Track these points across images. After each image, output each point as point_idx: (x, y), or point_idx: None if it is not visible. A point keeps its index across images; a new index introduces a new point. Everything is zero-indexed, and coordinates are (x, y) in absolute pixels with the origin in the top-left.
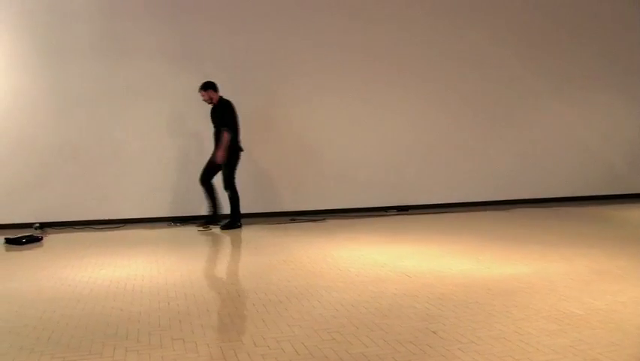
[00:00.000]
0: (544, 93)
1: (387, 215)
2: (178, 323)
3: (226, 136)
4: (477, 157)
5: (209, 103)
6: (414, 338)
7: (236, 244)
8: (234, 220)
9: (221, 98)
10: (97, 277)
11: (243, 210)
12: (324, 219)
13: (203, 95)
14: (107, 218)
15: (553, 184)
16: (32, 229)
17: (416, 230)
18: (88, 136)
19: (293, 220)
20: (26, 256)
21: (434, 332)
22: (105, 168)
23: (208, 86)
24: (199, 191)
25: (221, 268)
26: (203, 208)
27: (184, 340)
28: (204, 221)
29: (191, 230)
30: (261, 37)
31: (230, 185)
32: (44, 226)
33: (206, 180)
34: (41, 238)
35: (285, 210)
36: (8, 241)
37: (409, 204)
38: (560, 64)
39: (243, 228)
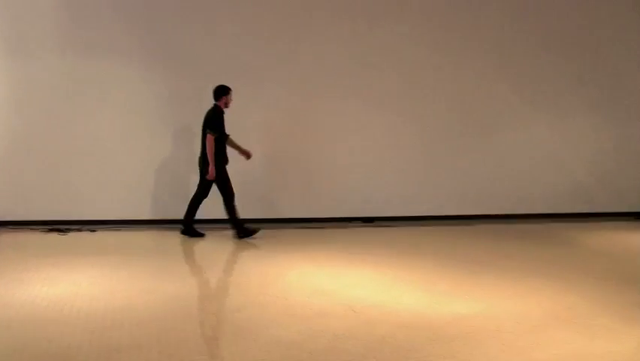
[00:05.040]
0: (518, 109)
1: (351, 226)
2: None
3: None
4: (446, 170)
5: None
6: None
7: (192, 257)
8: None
9: None
10: (36, 296)
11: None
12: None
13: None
14: (72, 219)
15: (523, 200)
16: None
17: (376, 248)
18: (51, 131)
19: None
20: None
21: None
22: (73, 166)
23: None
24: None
25: (163, 291)
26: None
27: None
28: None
29: (150, 235)
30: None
31: None
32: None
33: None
34: None
35: (251, 218)
36: None
37: (376, 215)
38: (535, 79)
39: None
